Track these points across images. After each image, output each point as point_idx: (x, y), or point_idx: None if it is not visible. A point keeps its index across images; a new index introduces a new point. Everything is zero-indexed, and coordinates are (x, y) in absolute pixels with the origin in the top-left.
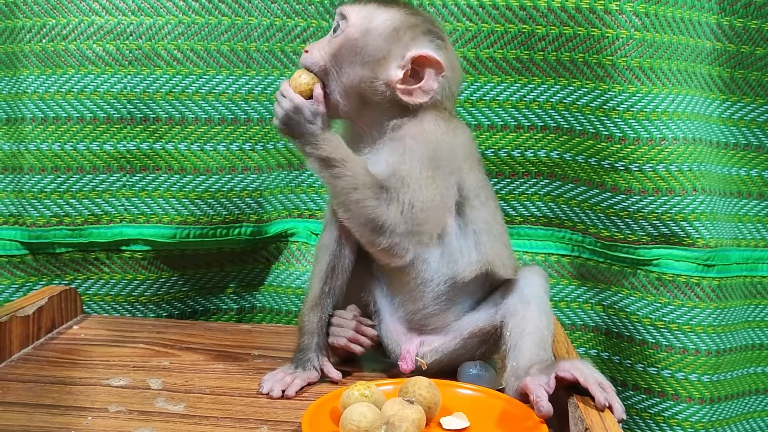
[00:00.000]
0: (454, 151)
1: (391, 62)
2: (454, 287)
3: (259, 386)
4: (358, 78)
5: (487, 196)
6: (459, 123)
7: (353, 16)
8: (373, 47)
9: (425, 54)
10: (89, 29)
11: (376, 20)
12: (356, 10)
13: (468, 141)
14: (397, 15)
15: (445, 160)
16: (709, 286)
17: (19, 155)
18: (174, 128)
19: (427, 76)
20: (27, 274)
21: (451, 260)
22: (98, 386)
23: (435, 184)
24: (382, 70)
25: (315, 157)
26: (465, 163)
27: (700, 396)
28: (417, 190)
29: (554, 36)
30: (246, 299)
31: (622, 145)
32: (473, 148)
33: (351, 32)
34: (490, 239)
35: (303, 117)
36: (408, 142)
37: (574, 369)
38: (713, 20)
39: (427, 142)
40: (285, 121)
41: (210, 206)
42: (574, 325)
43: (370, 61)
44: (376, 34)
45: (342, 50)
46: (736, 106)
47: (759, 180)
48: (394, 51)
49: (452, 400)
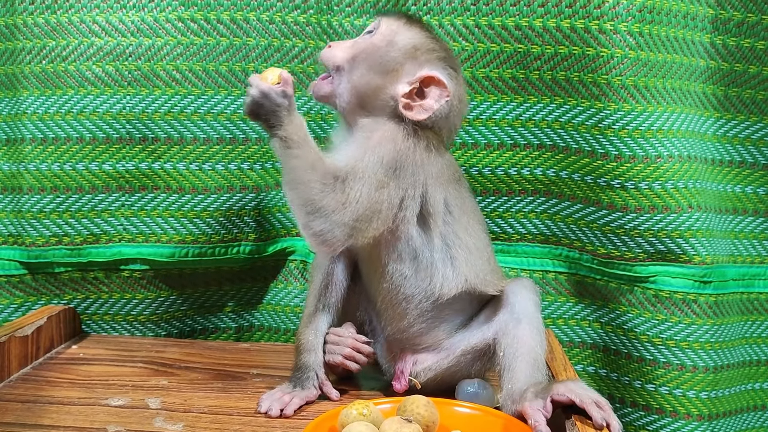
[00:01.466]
0: (419, 163)
1: (403, 77)
2: (439, 304)
3: (258, 405)
4: (367, 82)
5: (463, 212)
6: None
7: (384, 26)
8: (391, 59)
9: (435, 75)
10: (89, 50)
11: (401, 35)
12: (388, 22)
13: (443, 161)
14: (420, 36)
15: (407, 169)
16: (706, 302)
17: (18, 175)
18: (173, 148)
19: (431, 95)
20: (26, 293)
21: (427, 275)
22: (97, 406)
23: (387, 188)
24: (392, 82)
25: (277, 137)
26: (434, 179)
27: (698, 413)
28: (367, 188)
29: (550, 55)
30: (244, 318)
31: (617, 163)
32: (450, 169)
33: (377, 40)
34: (465, 254)
35: (270, 100)
36: (373, 141)
37: (569, 391)
38: (707, 39)
39: (392, 148)
40: (253, 107)
41: (208, 225)
42: (572, 342)
43: (384, 71)
44: (397, 47)
45: (363, 53)
46: (730, 124)
47: (754, 197)
48: (408, 67)
49: (450, 419)
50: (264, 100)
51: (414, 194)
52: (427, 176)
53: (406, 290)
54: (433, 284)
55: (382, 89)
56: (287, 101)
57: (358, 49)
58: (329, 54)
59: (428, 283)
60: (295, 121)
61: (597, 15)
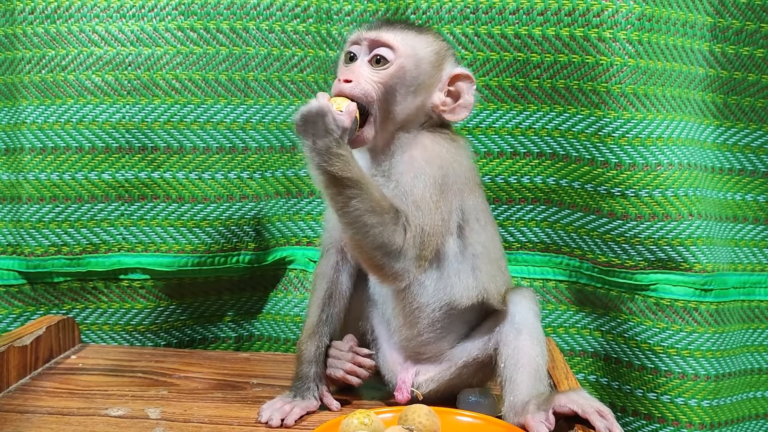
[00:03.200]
0: (459, 173)
1: (436, 86)
2: (450, 314)
3: (258, 415)
4: (406, 106)
5: (487, 220)
6: (462, 141)
7: (401, 46)
8: (425, 75)
9: (461, 72)
10: (88, 60)
11: (422, 49)
12: (401, 40)
13: (471, 163)
14: (434, 40)
15: (452, 183)
16: (707, 310)
17: (17, 185)
18: (172, 157)
19: (465, 91)
20: (25, 303)
21: (448, 284)
22: (96, 416)
23: (440, 208)
24: (430, 96)
25: (326, 173)
26: (467, 186)
27: (700, 421)
28: (427, 214)
29: (549, 63)
30: (244, 327)
31: (617, 171)
32: (475, 170)
33: (404, 63)
34: (487, 264)
35: (324, 121)
36: (419, 163)
37: (571, 402)
38: (706, 47)
39: (438, 164)
40: (305, 117)
41: (208, 234)
42: (573, 350)
43: (422, 89)
44: (426, 62)
45: (395, 80)
46: (729, 132)
47: (754, 204)
48: (438, 75)
49: (452, 428)
50: (319, 118)
51: (458, 205)
52: (464, 183)
53: (422, 299)
54: (451, 294)
55: (420, 107)
56: (339, 132)
57: (388, 76)
58: (360, 89)
59: (446, 293)
60: (346, 157)
61: (596, 23)
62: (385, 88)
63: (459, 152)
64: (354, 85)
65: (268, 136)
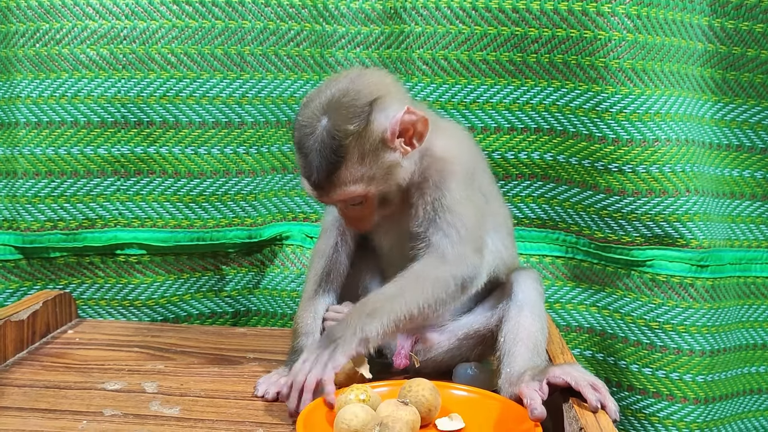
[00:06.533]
0: (470, 162)
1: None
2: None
3: (254, 389)
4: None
5: (497, 194)
6: (453, 126)
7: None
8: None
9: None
10: (83, 33)
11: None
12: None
13: (473, 145)
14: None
15: (469, 174)
16: (703, 286)
17: (12, 160)
18: (168, 132)
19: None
20: (21, 278)
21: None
22: (93, 390)
23: (472, 201)
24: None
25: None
26: (478, 167)
27: (695, 396)
28: (466, 219)
29: (547, 38)
30: (241, 302)
31: (615, 146)
32: (478, 150)
33: (373, 190)
34: (499, 239)
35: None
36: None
37: (565, 374)
38: (705, 22)
39: (453, 172)
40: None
41: (204, 210)
42: (569, 326)
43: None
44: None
45: (380, 198)
46: (728, 107)
47: (751, 181)
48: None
49: (448, 401)
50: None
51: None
52: (475, 166)
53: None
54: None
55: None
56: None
57: (372, 205)
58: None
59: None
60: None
61: None
62: (368, 190)
63: (460, 143)
64: (356, 221)
65: (264, 111)
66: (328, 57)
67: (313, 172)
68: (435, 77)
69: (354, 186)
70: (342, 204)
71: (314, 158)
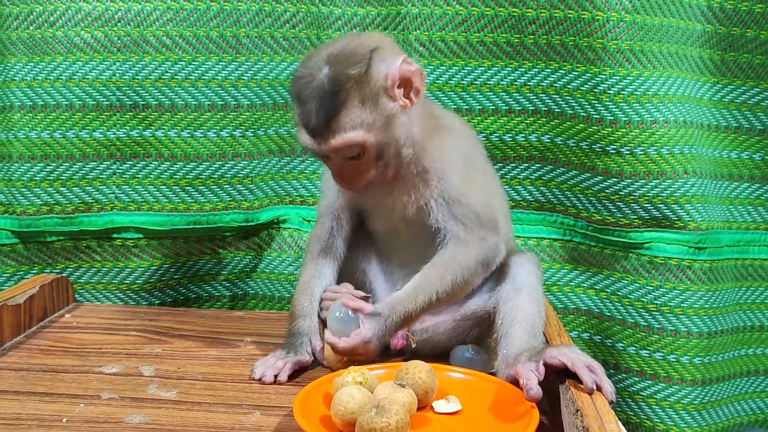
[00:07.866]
0: (467, 148)
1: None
2: None
3: (252, 372)
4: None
5: (494, 175)
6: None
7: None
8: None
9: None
10: (77, 16)
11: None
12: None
13: (467, 129)
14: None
15: (469, 159)
16: (701, 268)
17: (7, 143)
18: (164, 115)
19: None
20: (18, 263)
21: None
22: (90, 374)
23: (475, 183)
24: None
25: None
26: (475, 148)
27: (692, 378)
28: (475, 203)
29: (544, 19)
30: (238, 286)
31: (613, 128)
32: (471, 131)
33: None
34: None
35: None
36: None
37: (561, 355)
38: (704, 2)
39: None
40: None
41: (201, 193)
42: (567, 308)
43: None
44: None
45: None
46: (727, 89)
47: (750, 162)
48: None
49: (444, 384)
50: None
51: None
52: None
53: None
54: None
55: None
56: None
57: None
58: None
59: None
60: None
61: None
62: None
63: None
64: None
65: (261, 94)
66: (325, 39)
67: (311, 119)
68: (432, 59)
69: (353, 132)
70: (338, 157)
71: (313, 105)
